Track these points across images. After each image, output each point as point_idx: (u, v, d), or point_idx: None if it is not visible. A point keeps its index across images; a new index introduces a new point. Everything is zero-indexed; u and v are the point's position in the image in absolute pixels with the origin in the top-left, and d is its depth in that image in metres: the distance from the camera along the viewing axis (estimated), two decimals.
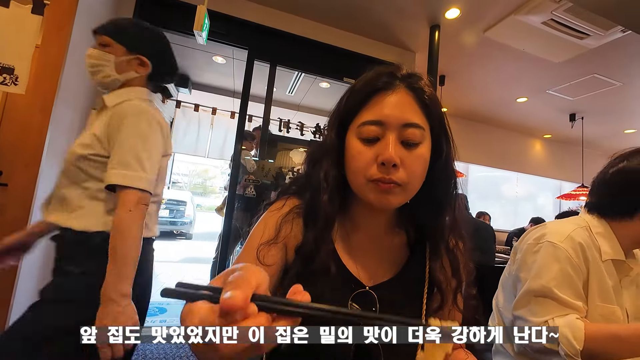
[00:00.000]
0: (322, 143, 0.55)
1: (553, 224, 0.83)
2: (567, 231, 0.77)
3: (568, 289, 0.71)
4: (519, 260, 0.81)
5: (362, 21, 2.54)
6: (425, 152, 0.47)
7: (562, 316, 0.69)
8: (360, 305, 0.49)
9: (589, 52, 2.56)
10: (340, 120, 0.52)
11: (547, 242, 0.76)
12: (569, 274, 0.72)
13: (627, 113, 3.89)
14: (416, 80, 0.49)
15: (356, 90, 0.51)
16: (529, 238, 0.83)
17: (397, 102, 0.47)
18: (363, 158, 0.46)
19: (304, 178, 0.57)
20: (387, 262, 0.54)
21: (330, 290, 0.48)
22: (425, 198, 0.50)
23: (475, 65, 3.07)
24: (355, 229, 0.54)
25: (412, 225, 0.56)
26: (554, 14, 2.13)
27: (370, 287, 0.50)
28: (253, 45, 2.46)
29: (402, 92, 0.48)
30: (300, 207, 0.53)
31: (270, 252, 0.49)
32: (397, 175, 0.45)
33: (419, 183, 0.48)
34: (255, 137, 2.75)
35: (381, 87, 0.48)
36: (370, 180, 0.46)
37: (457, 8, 2.25)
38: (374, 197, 0.46)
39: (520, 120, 4.51)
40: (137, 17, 2.17)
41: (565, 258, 0.73)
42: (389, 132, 0.46)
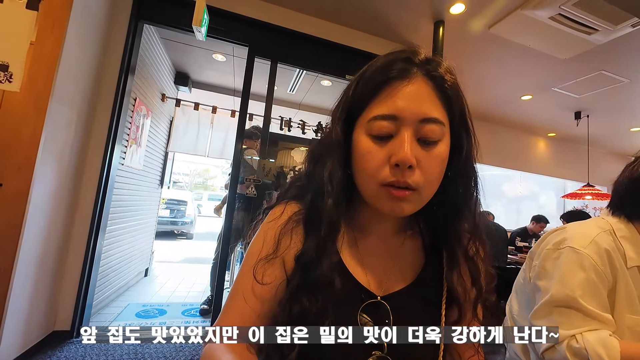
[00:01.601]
0: (325, 139, 0.49)
1: (574, 227, 0.76)
2: (590, 235, 0.71)
3: (594, 300, 0.65)
4: (537, 266, 0.76)
5: (364, 17, 2.49)
6: (444, 150, 0.42)
7: (593, 331, 0.63)
8: (372, 317, 0.44)
9: (596, 48, 2.50)
10: (347, 113, 0.46)
11: (568, 247, 0.70)
12: (594, 283, 0.66)
13: (634, 111, 3.83)
14: (435, 66, 0.43)
15: (366, 78, 0.44)
16: (548, 243, 0.77)
17: (414, 94, 0.41)
18: (374, 158, 0.41)
19: (305, 179, 0.51)
20: (400, 268, 0.49)
21: (336, 302, 0.43)
22: (440, 199, 0.45)
23: (479, 62, 3.02)
24: (362, 232, 0.50)
25: (427, 226, 0.51)
26: (562, 9, 2.08)
27: (381, 297, 0.46)
28: (254, 42, 2.41)
29: (420, 82, 0.42)
30: (300, 213, 0.48)
31: (267, 270, 0.45)
32: (413, 178, 0.39)
33: (435, 187, 0.43)
34: (260, 136, 2.66)
35: (395, 75, 0.42)
36: (382, 184, 0.41)
37: (462, 3, 2.20)
38: (386, 205, 0.41)
39: (524, 119, 4.45)
40: (134, 12, 2.13)
41: (590, 265, 0.67)
42: (404, 128, 0.40)
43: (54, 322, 1.88)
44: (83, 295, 1.96)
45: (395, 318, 0.45)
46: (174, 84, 3.57)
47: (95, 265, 2.02)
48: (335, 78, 2.84)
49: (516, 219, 5.32)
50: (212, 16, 2.01)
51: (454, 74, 0.44)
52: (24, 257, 1.51)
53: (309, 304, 0.41)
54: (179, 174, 17.87)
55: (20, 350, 1.60)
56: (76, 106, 1.81)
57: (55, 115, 1.60)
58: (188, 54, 3.20)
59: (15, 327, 1.51)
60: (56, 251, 1.81)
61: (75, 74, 1.75)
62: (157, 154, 3.24)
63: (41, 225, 1.62)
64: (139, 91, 2.48)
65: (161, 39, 2.89)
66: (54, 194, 1.70)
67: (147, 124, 2.75)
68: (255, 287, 0.44)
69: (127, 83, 2.13)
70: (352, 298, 0.45)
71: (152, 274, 3.51)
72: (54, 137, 1.63)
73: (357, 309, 0.44)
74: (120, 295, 2.71)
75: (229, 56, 3.14)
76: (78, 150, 1.90)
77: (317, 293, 0.42)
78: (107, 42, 2.04)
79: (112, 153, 2.06)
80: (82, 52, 1.79)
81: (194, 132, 3.64)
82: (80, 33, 1.74)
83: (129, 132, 2.34)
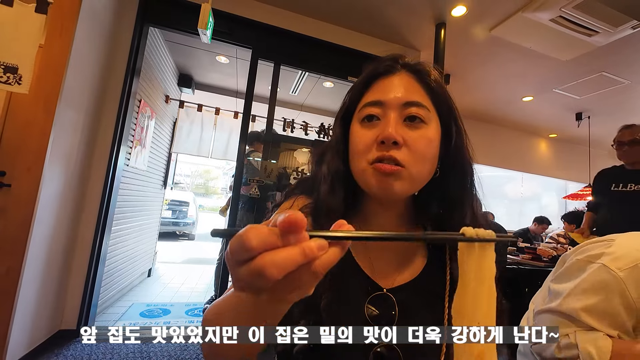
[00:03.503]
0: (328, 141, 0.54)
1: (623, 243, 0.66)
2: (636, 257, 0.62)
3: (603, 319, 0.61)
4: (561, 270, 0.73)
5: (366, 19, 2.51)
6: (431, 133, 0.44)
7: (586, 331, 0.62)
8: (378, 309, 0.46)
9: (597, 49, 2.52)
10: (344, 113, 0.50)
11: (601, 265, 0.63)
12: (614, 309, 0.60)
13: (635, 111, 3.83)
14: (420, 64, 0.48)
15: (359, 79, 0.50)
16: (581, 253, 0.70)
17: (399, 83, 0.45)
18: (363, 140, 0.44)
19: (311, 179, 0.54)
20: (405, 263, 0.51)
21: (344, 295, 0.45)
22: (437, 191, 0.48)
23: (481, 64, 3.04)
24: (368, 227, 0.52)
25: (430, 223, 0.53)
26: (563, 11, 2.10)
27: (388, 289, 0.48)
28: (257, 44, 2.44)
29: (404, 75, 0.46)
30: (309, 207, 0.51)
31: None
32: (399, 154, 0.42)
33: (426, 168, 0.45)
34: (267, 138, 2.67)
35: (382, 71, 0.47)
36: (370, 162, 0.43)
37: (464, 5, 2.22)
38: (375, 182, 0.43)
39: (525, 120, 4.46)
40: (140, 15, 2.15)
41: (619, 291, 0.60)
42: (390, 111, 0.44)
43: (60, 321, 1.90)
44: (89, 294, 1.98)
45: (400, 310, 0.46)
46: (178, 85, 3.61)
47: (101, 265, 2.05)
48: (337, 80, 2.86)
49: (518, 220, 5.33)
50: (217, 19, 2.04)
51: (438, 73, 0.48)
52: (32, 257, 1.53)
53: (317, 293, 0.43)
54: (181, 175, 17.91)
55: (28, 349, 1.62)
56: (83, 108, 1.83)
57: (63, 116, 1.63)
58: (192, 56, 3.23)
59: (23, 326, 1.54)
60: (63, 251, 1.83)
61: (82, 76, 1.78)
62: (160, 155, 3.27)
63: (49, 226, 1.64)
64: (143, 93, 2.51)
65: (165, 42, 2.92)
66: (62, 195, 1.73)
67: (152, 125, 2.78)
68: None
69: (133, 85, 2.16)
70: (360, 290, 0.47)
71: (155, 274, 3.53)
72: (62, 138, 1.66)
73: (365, 301, 0.46)
74: (124, 295, 2.73)
75: (232, 58, 3.16)
76: (85, 151, 1.93)
77: (323, 281, 0.43)
78: (113, 45, 2.07)
79: (118, 154, 2.08)
80: (90, 54, 1.82)
81: (198, 133, 3.66)
82: (88, 36, 1.77)
83: (133, 134, 2.36)
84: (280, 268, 0.20)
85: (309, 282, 0.23)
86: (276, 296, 0.23)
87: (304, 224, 0.22)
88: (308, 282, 0.23)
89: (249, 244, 0.21)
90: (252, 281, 0.21)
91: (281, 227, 0.21)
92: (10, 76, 1.45)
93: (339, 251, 0.23)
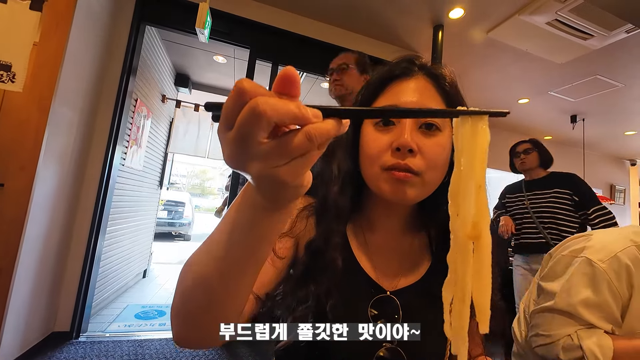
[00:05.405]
0: (335, 139, 0.52)
1: (599, 237, 0.71)
2: (614, 249, 0.66)
3: (598, 312, 0.64)
4: (548, 269, 0.76)
5: (364, 20, 2.52)
6: (445, 140, 0.44)
7: (587, 329, 0.64)
8: (381, 311, 0.46)
9: (591, 53, 2.55)
10: None
11: (585, 258, 0.67)
12: (604, 299, 0.64)
13: (628, 115, 3.88)
14: (436, 67, 0.47)
15: (374, 79, 0.49)
16: (567, 248, 0.74)
17: (415, 88, 0.45)
18: (377, 145, 0.44)
19: (317, 178, 0.54)
20: (408, 265, 0.51)
21: (348, 297, 0.45)
22: (444, 197, 0.47)
23: (477, 66, 3.06)
24: (372, 229, 0.51)
25: (434, 227, 0.53)
26: (559, 14, 2.12)
27: (391, 292, 0.47)
28: (255, 44, 2.43)
29: (421, 79, 0.46)
30: (314, 205, 0.51)
31: (285, 244, 0.46)
32: (414, 162, 0.42)
33: (438, 175, 0.45)
34: None
35: (398, 73, 0.46)
36: (384, 168, 0.43)
37: (462, 8, 2.23)
38: (389, 188, 0.43)
39: (521, 122, 4.50)
40: (137, 14, 2.14)
41: (603, 281, 0.64)
42: None
43: (54, 323, 1.88)
44: (83, 296, 1.95)
45: (404, 312, 0.46)
46: (174, 85, 3.58)
47: (95, 266, 2.02)
48: None
49: None
50: (214, 19, 2.03)
51: (454, 77, 0.48)
52: (25, 257, 1.50)
53: (314, 288, 0.43)
54: (177, 175, 17.80)
55: (21, 351, 1.59)
56: (78, 106, 1.81)
57: (57, 115, 1.61)
58: (189, 56, 3.21)
59: (15, 328, 1.51)
60: (57, 252, 1.80)
61: (77, 75, 1.76)
62: (156, 155, 3.24)
63: (42, 226, 1.62)
64: (140, 92, 2.49)
65: (162, 41, 2.90)
66: (56, 195, 1.70)
67: (148, 124, 2.76)
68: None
69: (129, 84, 2.13)
70: (363, 292, 0.47)
71: (150, 275, 3.49)
72: (57, 137, 1.63)
73: (368, 303, 0.46)
74: (119, 297, 2.70)
75: (229, 58, 3.15)
76: (80, 150, 1.90)
77: (322, 277, 0.43)
78: (109, 43, 2.05)
79: (113, 154, 2.06)
80: (85, 53, 1.80)
81: (194, 133, 3.64)
82: (84, 34, 1.75)
83: (129, 133, 2.34)
84: (274, 109, 0.18)
85: (304, 150, 0.21)
86: (270, 164, 0.21)
87: (298, 80, 0.20)
88: (303, 149, 0.20)
89: (241, 87, 0.19)
90: (244, 124, 0.19)
91: (276, 85, 0.20)
92: (3, 74, 1.43)
93: (334, 123, 0.22)
